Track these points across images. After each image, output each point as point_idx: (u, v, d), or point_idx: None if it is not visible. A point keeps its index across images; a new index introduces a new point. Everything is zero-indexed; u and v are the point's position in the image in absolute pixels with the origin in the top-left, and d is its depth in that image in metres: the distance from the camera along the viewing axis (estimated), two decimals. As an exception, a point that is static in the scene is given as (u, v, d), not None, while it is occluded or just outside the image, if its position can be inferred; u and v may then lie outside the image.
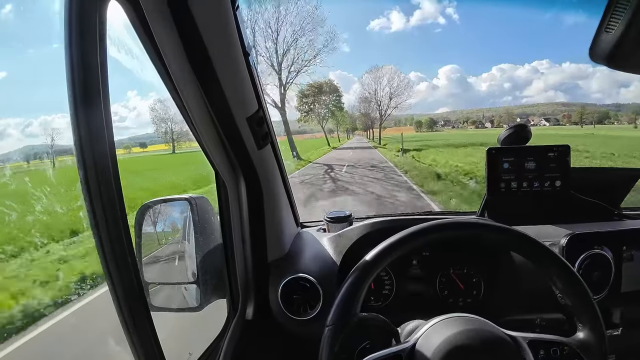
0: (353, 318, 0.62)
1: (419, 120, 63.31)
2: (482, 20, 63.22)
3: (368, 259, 0.65)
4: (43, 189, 5.22)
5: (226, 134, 0.77)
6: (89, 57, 0.45)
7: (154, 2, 0.54)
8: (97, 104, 0.46)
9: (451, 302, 1.05)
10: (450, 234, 0.68)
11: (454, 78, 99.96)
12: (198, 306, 0.89)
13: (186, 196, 0.90)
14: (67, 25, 0.44)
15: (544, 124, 53.19)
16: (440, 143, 27.32)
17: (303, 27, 22.31)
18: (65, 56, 0.44)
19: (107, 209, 0.48)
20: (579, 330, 0.64)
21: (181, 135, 33.78)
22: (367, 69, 34.23)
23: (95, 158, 0.46)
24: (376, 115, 35.87)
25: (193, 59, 0.63)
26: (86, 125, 0.45)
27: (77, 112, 0.45)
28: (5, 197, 5.13)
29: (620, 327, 0.99)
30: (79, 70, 0.44)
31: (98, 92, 0.46)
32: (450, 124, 63.20)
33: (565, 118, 54.54)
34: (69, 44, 0.44)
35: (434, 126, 61.59)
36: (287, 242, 1.07)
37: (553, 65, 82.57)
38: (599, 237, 0.98)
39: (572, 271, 0.65)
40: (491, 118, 62.05)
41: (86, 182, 0.46)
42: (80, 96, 0.45)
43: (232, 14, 0.63)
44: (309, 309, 0.96)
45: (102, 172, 0.47)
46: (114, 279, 0.51)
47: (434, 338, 0.60)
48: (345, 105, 37.85)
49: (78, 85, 0.44)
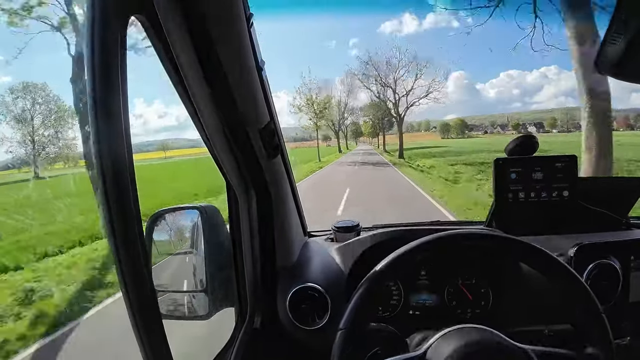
0: (364, 326, 0.63)
1: (445, 123, 51.63)
2: (486, 26, 63.26)
3: (379, 269, 0.66)
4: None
5: (238, 144, 0.79)
6: (111, 72, 0.46)
7: (172, 18, 0.56)
8: (118, 116, 0.47)
9: (459, 313, 1.05)
10: (460, 245, 0.68)
11: (462, 85, 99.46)
12: (206, 314, 0.89)
13: (196, 205, 0.91)
14: (90, 40, 0.45)
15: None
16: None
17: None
18: (86, 70, 0.46)
19: (124, 217, 0.49)
20: (589, 345, 0.64)
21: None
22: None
23: (114, 168, 0.48)
24: (389, 109, 29.35)
25: (207, 72, 0.65)
26: (106, 136, 0.47)
27: (97, 123, 0.46)
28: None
29: (627, 337, 0.98)
30: (100, 85, 0.46)
31: (119, 105, 0.47)
32: (481, 129, 52.34)
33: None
34: (90, 58, 0.45)
35: (465, 131, 49.45)
36: (295, 251, 1.07)
37: (562, 71, 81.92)
38: (607, 247, 0.98)
39: (582, 283, 0.65)
40: (537, 121, 50.90)
41: (104, 191, 0.48)
42: (101, 109, 0.46)
43: (247, 30, 0.65)
44: (316, 318, 0.96)
45: (120, 182, 0.48)
46: (128, 286, 0.52)
47: (444, 348, 0.60)
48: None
49: (99, 99, 0.46)
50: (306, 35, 68.52)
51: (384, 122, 34.37)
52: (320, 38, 66.25)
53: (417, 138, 45.78)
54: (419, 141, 39.88)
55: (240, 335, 0.95)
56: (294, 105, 27.88)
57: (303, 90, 27.89)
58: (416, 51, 32.84)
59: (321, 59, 70.93)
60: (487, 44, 59.08)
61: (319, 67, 52.69)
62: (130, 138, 0.50)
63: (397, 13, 28.83)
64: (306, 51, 60.09)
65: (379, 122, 34.48)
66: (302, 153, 31.04)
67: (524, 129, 49.00)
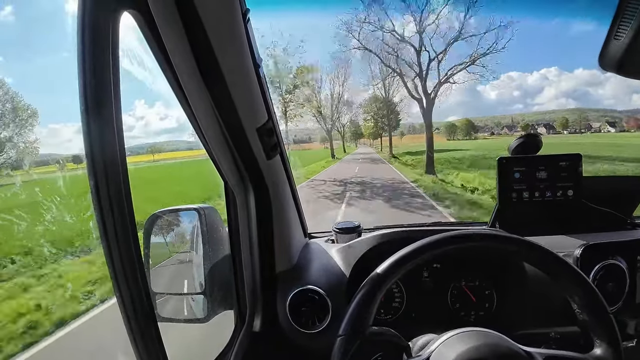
0: (365, 330, 0.61)
1: (450, 124, 48.62)
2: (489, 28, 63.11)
3: (380, 271, 0.64)
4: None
5: (236, 144, 0.78)
6: (102, 68, 0.45)
7: (166, 14, 0.55)
8: (109, 115, 0.46)
9: (463, 316, 1.03)
10: (463, 246, 0.67)
11: (462, 86, 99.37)
12: (205, 317, 0.88)
13: (195, 206, 0.90)
14: (80, 36, 0.44)
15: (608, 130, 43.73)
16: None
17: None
18: (77, 67, 0.45)
19: (117, 218, 0.48)
20: (596, 347, 0.62)
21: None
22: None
23: (106, 168, 0.47)
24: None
25: (204, 70, 0.63)
26: (97, 134, 0.46)
27: (88, 121, 0.45)
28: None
29: (635, 339, 0.96)
30: (91, 81, 0.45)
31: (110, 103, 0.46)
32: (487, 130, 49.80)
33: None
34: (81, 54, 0.44)
35: (472, 132, 46.16)
36: (295, 253, 1.06)
37: (562, 72, 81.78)
38: (613, 247, 0.96)
39: (589, 284, 0.64)
40: (548, 121, 48.57)
41: (96, 191, 0.47)
42: (92, 106, 0.45)
43: (243, 26, 0.64)
44: (317, 321, 0.94)
45: (112, 182, 0.47)
46: (121, 288, 0.51)
47: (448, 353, 0.59)
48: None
49: (90, 96, 0.45)
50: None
51: (390, 120, 26.71)
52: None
53: (420, 140, 44.96)
54: (420, 142, 38.39)
55: (239, 339, 0.93)
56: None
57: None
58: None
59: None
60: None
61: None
62: (122, 138, 0.49)
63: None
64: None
65: (384, 118, 26.97)
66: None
67: (533, 129, 47.03)
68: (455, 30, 16.48)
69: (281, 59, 19.33)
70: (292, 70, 20.01)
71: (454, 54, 19.69)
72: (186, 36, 0.58)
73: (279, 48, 18.81)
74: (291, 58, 19.56)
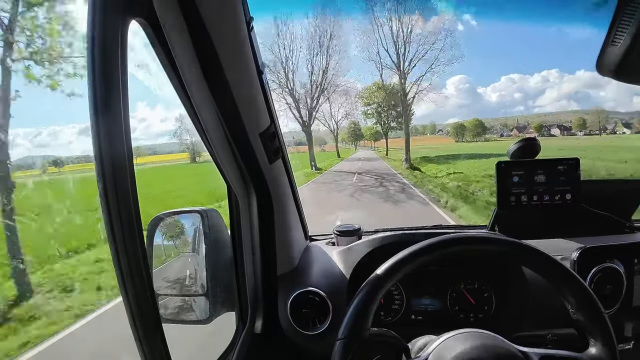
0: (364, 333, 0.62)
1: (459, 125, 45.93)
2: (488, 30, 62.56)
3: (379, 273, 0.65)
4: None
5: (239, 148, 0.79)
6: (111, 75, 0.47)
7: (173, 23, 0.56)
8: (118, 119, 0.48)
9: (462, 318, 1.04)
10: (462, 248, 0.68)
11: (463, 89, 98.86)
12: (207, 319, 0.89)
13: (197, 209, 0.91)
14: (90, 44, 0.46)
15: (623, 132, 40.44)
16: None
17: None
18: (87, 73, 0.46)
19: (124, 220, 0.49)
20: (591, 346, 0.63)
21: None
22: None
23: (114, 171, 0.48)
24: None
25: (209, 77, 0.65)
26: (106, 139, 0.47)
27: (98, 125, 0.46)
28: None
29: (632, 341, 0.97)
30: (101, 87, 0.46)
31: (119, 109, 0.47)
32: (496, 131, 47.37)
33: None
34: (91, 61, 0.46)
35: (482, 133, 43.89)
36: (296, 256, 1.07)
37: (563, 74, 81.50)
38: (611, 251, 0.97)
39: (584, 286, 0.64)
40: (563, 123, 44.99)
41: (105, 193, 0.48)
42: (101, 111, 0.46)
43: (247, 35, 0.65)
44: (318, 323, 0.95)
45: (120, 184, 0.49)
46: (127, 289, 0.52)
47: (446, 353, 0.60)
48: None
49: (99, 101, 0.46)
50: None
51: (406, 112, 21.19)
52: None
53: (426, 141, 42.93)
54: (429, 144, 36.24)
55: (240, 340, 0.94)
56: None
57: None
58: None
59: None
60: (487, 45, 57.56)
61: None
62: (130, 140, 0.50)
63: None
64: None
65: (391, 110, 22.32)
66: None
67: (547, 131, 45.42)
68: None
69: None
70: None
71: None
72: (192, 45, 0.60)
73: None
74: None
